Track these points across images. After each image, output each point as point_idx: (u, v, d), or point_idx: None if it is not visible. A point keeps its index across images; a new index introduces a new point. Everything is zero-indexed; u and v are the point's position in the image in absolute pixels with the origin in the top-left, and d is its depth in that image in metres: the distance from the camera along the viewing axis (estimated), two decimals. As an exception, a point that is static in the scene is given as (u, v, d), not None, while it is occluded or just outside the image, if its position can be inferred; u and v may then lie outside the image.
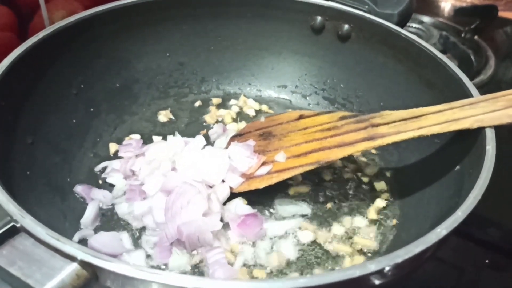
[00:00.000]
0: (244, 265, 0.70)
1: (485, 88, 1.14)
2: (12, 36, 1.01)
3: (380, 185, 0.84)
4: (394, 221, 0.78)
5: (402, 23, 0.90)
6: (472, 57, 1.26)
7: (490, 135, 0.63)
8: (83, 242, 0.71)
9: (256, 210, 0.76)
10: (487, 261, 0.80)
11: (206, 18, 0.98)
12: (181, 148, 0.83)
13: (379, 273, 0.46)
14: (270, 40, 1.00)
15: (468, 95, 0.72)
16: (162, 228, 0.72)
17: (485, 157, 0.60)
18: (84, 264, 0.47)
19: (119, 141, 0.89)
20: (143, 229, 0.75)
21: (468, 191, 0.55)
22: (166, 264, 0.69)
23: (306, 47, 0.99)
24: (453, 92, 0.75)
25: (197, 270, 0.69)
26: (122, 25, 0.91)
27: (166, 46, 0.98)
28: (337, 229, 0.76)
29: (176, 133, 0.86)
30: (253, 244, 0.73)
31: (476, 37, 1.34)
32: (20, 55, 0.73)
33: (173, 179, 0.76)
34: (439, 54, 0.80)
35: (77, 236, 0.72)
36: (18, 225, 0.51)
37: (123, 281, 0.48)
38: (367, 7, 0.91)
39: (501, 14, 1.40)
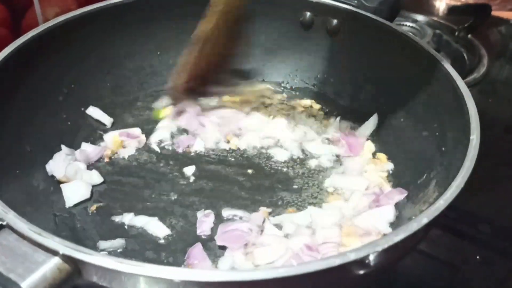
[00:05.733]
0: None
1: (478, 87, 1.14)
2: (5, 32, 1.02)
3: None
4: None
5: (391, 17, 0.90)
6: (465, 56, 1.25)
7: (475, 125, 0.63)
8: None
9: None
10: (478, 257, 0.80)
11: (197, 17, 0.97)
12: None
13: (360, 262, 0.46)
14: (260, 37, 0.99)
15: (456, 89, 0.72)
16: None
17: (468, 147, 0.60)
18: (66, 258, 0.47)
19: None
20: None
21: (450, 180, 0.55)
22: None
23: (296, 43, 0.99)
24: (442, 85, 0.75)
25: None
26: (114, 24, 0.91)
27: (158, 45, 0.98)
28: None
29: None
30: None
31: (469, 35, 1.33)
32: (10, 53, 0.73)
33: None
34: (429, 47, 0.80)
35: None
36: (4, 223, 0.51)
37: (106, 274, 0.48)
38: (356, 1, 0.91)
39: (495, 13, 1.40)
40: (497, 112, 1.07)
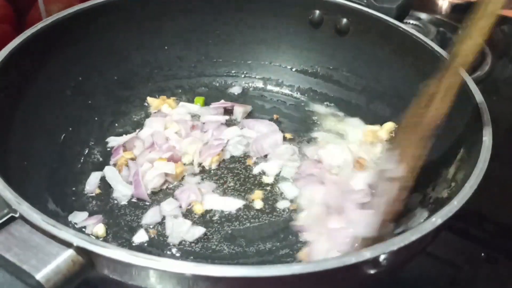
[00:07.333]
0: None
1: (482, 85, 1.14)
2: (9, 28, 1.01)
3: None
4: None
5: (400, 17, 0.90)
6: (469, 54, 1.26)
7: (487, 127, 0.63)
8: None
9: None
10: (483, 255, 0.80)
11: (204, 12, 0.98)
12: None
13: (375, 260, 0.46)
14: (268, 35, 1.00)
15: (467, 89, 0.72)
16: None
17: (481, 148, 0.60)
18: (79, 250, 0.47)
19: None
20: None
21: (464, 181, 0.55)
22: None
23: (304, 41, 0.99)
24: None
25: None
26: (120, 18, 0.91)
27: (164, 39, 0.98)
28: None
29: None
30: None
31: (473, 34, 1.34)
32: (16, 47, 0.73)
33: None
34: (437, 48, 0.81)
35: None
36: (16, 215, 0.51)
37: (119, 267, 0.48)
38: (365, 1, 0.91)
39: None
40: (501, 111, 1.07)
